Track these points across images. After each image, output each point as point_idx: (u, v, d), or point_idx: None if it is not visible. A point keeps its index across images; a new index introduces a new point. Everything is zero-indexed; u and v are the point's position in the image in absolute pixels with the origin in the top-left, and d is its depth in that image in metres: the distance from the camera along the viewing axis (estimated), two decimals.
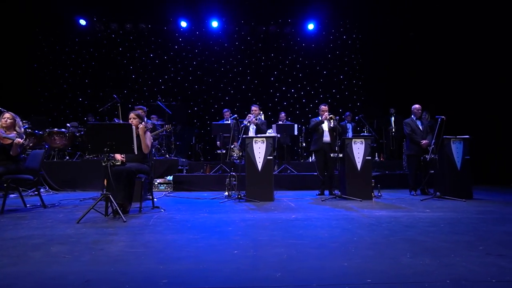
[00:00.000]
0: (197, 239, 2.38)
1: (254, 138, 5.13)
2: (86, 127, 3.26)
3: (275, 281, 1.47)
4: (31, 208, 4.30)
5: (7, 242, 2.31)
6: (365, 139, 5.24)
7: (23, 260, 1.87)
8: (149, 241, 2.31)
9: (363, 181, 5.09)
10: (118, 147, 3.38)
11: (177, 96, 10.80)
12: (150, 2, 9.94)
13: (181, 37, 10.95)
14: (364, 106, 10.68)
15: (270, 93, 10.99)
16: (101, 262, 1.82)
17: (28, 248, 2.14)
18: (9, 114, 4.09)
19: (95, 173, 7.21)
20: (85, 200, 5.22)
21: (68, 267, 1.73)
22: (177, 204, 4.66)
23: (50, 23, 10.17)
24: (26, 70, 10.11)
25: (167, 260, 1.84)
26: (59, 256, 1.95)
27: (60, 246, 2.19)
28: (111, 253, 2.00)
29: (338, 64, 11.05)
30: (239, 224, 2.95)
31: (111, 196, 3.36)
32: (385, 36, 10.20)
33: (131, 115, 4.07)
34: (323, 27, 10.92)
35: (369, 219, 3.13)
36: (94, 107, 10.33)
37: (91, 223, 3.12)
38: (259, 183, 4.99)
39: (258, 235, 2.49)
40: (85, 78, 10.69)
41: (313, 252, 1.96)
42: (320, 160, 5.94)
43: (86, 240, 2.36)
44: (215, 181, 7.16)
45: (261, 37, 10.96)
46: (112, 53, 10.77)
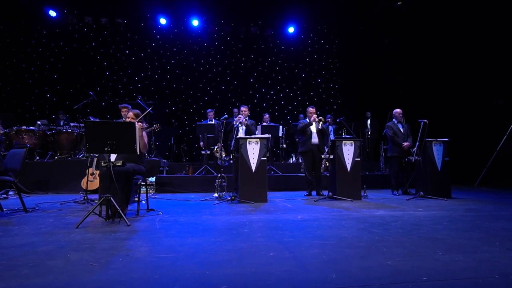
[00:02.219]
0: (221, 241, 2.32)
1: (248, 139, 5.11)
2: (85, 125, 3.04)
3: (335, 282, 1.48)
4: (9, 212, 3.93)
5: (12, 251, 2.09)
6: (355, 141, 5.42)
7: (46, 270, 1.71)
8: (173, 245, 2.21)
9: (353, 181, 5.27)
10: (119, 147, 3.20)
11: (154, 95, 10.45)
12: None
13: (159, 35, 10.63)
14: (341, 109, 11.06)
15: (250, 94, 11.01)
16: (139, 268, 1.72)
17: (41, 257, 1.95)
18: None
19: (68, 174, 6.78)
20: (66, 203, 4.88)
21: (107, 275, 1.61)
22: (170, 206, 4.51)
23: (13, 13, 9.39)
24: None
25: (208, 264, 1.77)
26: (85, 264, 1.81)
27: (77, 253, 2.03)
28: (142, 259, 1.89)
29: (316, 68, 11.35)
30: (252, 226, 2.92)
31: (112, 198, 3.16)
32: (361, 41, 10.65)
33: (129, 114, 3.88)
34: (302, 31, 11.16)
35: (375, 219, 3.24)
36: (64, 104, 9.70)
37: (92, 227, 2.93)
38: (253, 184, 4.97)
39: (280, 236, 2.48)
40: (53, 73, 10.00)
41: (349, 252, 1.99)
42: (308, 161, 6.05)
43: (102, 246, 2.20)
44: (200, 183, 7.02)
45: (241, 38, 10.95)
46: (85, 48, 10.19)
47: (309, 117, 6.14)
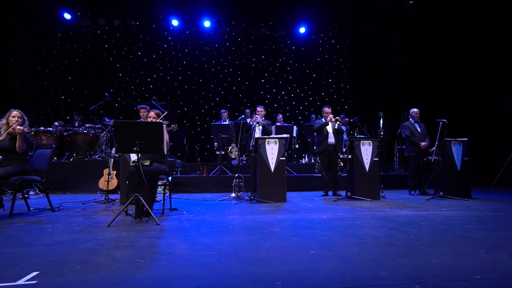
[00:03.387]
0: (257, 240, 2.34)
1: (267, 139, 5.12)
2: (114, 125, 3.09)
3: (387, 279, 1.49)
4: (36, 211, 4.00)
5: (55, 248, 2.14)
6: (373, 141, 5.41)
7: (97, 266, 1.74)
8: (210, 244, 2.24)
9: (372, 181, 5.26)
10: (147, 147, 3.24)
11: (166, 95, 10.52)
12: None
13: (170, 36, 10.71)
14: (352, 109, 11.02)
15: (261, 94, 11.03)
16: (186, 266, 1.74)
17: (87, 253, 1.99)
18: (17, 111, 3.79)
19: (85, 174, 6.86)
20: (88, 203, 4.95)
21: (158, 272, 1.64)
22: (191, 206, 4.54)
23: (29, 16, 9.54)
24: (1, 65, 9.39)
25: (253, 262, 1.79)
26: (130, 261, 1.84)
27: (119, 250, 2.06)
28: (185, 257, 1.91)
29: (327, 68, 11.34)
30: (281, 225, 2.94)
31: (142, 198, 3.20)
32: (372, 41, 10.60)
33: (151, 114, 3.93)
34: (312, 31, 11.16)
35: (402, 218, 3.24)
36: (78, 105, 9.82)
37: (123, 226, 2.97)
38: (272, 184, 4.99)
39: (313, 235, 2.50)
40: (68, 75, 10.13)
41: (389, 251, 2.00)
42: (324, 161, 6.05)
43: (140, 244, 2.24)
44: (215, 183, 7.06)
45: (252, 38, 10.99)
46: (98, 50, 10.31)
47: (325, 117, 6.14)
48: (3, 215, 3.61)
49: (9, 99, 9.21)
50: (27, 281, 1.52)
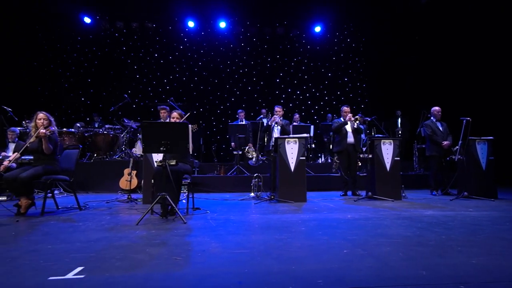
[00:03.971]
0: (286, 239, 2.35)
1: (287, 139, 5.13)
2: (142, 125, 3.16)
3: (428, 279, 1.48)
4: (64, 210, 4.13)
5: (92, 244, 2.21)
6: (394, 140, 5.34)
7: (136, 262, 1.79)
8: (240, 242, 2.27)
9: (393, 181, 5.19)
10: (173, 147, 3.30)
11: (182, 96, 10.64)
12: (158, 2, 9.77)
13: (186, 37, 10.83)
14: (368, 108, 10.90)
15: (276, 94, 11.03)
16: (223, 263, 1.77)
17: (123, 250, 2.05)
18: (43, 114, 3.91)
19: (106, 175, 7.03)
20: (112, 202, 5.07)
21: (198, 269, 1.67)
22: (212, 205, 4.58)
23: (52, 20, 9.83)
24: (26, 68, 9.71)
25: (288, 260, 1.81)
26: (167, 258, 1.88)
27: (153, 248, 2.11)
28: (219, 255, 1.95)
29: (343, 67, 11.24)
30: (307, 224, 2.94)
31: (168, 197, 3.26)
32: (389, 39, 10.45)
33: (174, 114, 3.99)
34: (327, 30, 11.09)
35: (429, 218, 3.19)
36: (97, 107, 10.06)
37: (151, 224, 3.03)
38: (292, 184, 4.99)
39: (342, 234, 2.49)
40: (87, 77, 10.39)
41: (424, 250, 1.98)
42: (344, 161, 6.01)
43: (173, 242, 2.29)
44: (233, 183, 7.10)
45: (267, 38, 11.00)
46: (116, 52, 10.53)
47: (343, 116, 6.10)
48: (35, 213, 3.74)
49: (32, 102, 9.51)
50: (75, 275, 1.58)
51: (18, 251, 2.06)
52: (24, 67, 9.66)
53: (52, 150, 3.83)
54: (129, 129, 8.08)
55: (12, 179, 3.53)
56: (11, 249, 2.10)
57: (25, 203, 3.65)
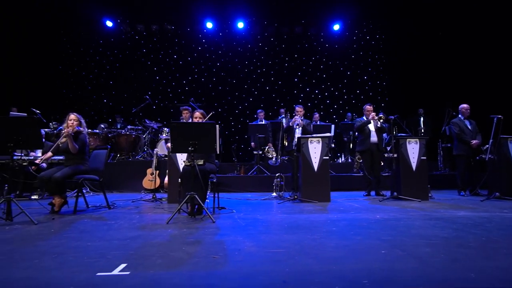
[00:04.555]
0: (319, 239, 2.34)
1: (310, 138, 5.10)
2: (170, 126, 3.21)
3: (479, 282, 1.43)
4: (94, 208, 4.24)
5: (129, 243, 2.25)
6: (420, 139, 5.22)
7: (176, 260, 1.81)
8: (273, 241, 2.27)
9: (419, 181, 5.07)
10: (201, 146, 3.33)
11: (201, 97, 10.73)
12: (177, 4, 9.92)
13: (204, 38, 10.94)
14: (389, 107, 10.68)
15: (294, 94, 10.98)
16: (261, 262, 1.77)
17: (161, 249, 2.08)
18: (74, 115, 4.03)
19: (129, 174, 7.18)
20: (137, 201, 5.17)
21: (238, 267, 1.68)
22: (235, 205, 4.60)
23: (75, 25, 10.13)
24: (52, 72, 10.05)
25: (327, 260, 1.79)
26: (205, 256, 1.90)
27: (189, 246, 2.14)
28: (256, 254, 1.95)
29: (362, 65, 11.07)
30: (336, 224, 2.91)
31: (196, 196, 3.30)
32: (410, 35, 10.20)
33: (196, 114, 4.02)
34: (346, 28, 10.95)
35: (463, 219, 3.10)
36: (119, 108, 10.29)
37: (181, 223, 3.07)
38: (315, 184, 4.96)
39: (375, 235, 2.45)
40: (109, 79, 10.65)
41: (466, 252, 1.92)
42: (367, 160, 5.92)
43: (207, 241, 2.31)
44: (253, 182, 7.12)
45: (285, 38, 10.97)
46: (136, 55, 10.74)
47: (366, 115, 6.01)
48: (67, 211, 3.86)
49: (58, 104, 9.84)
50: (120, 271, 1.62)
51: (61, 247, 2.13)
52: (50, 70, 10.00)
53: (78, 150, 3.92)
54: (151, 130, 8.24)
55: (47, 178, 3.66)
56: (54, 246, 2.18)
57: (59, 202, 3.77)
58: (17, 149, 3.38)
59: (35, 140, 3.10)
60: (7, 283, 1.49)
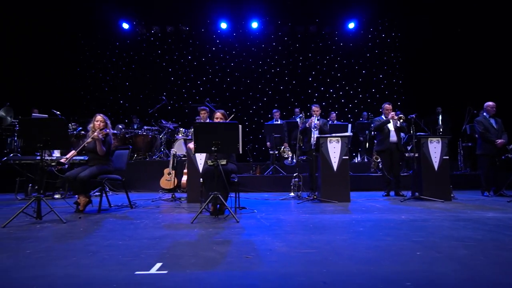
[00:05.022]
0: (349, 239, 2.31)
1: (329, 138, 5.05)
2: (193, 126, 3.23)
3: None
4: (116, 208, 4.31)
5: (158, 242, 2.27)
6: (442, 138, 5.11)
7: (210, 260, 1.82)
8: (303, 242, 2.25)
9: (441, 181, 4.96)
10: (224, 146, 3.34)
11: (215, 97, 10.77)
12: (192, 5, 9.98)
13: (218, 39, 10.98)
14: (405, 106, 10.49)
15: (308, 93, 10.91)
16: (296, 262, 1.76)
17: (191, 248, 2.09)
18: (100, 116, 4.11)
19: (147, 174, 7.27)
20: (157, 201, 5.22)
21: (274, 268, 1.67)
22: (254, 205, 4.59)
23: (93, 28, 10.32)
24: (70, 74, 10.27)
25: (362, 261, 1.77)
26: (238, 256, 1.90)
27: (219, 246, 2.15)
28: (289, 254, 1.94)
29: (377, 63, 10.92)
30: (363, 225, 2.87)
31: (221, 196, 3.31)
32: (426, 33, 9.99)
33: (217, 115, 4.03)
34: (361, 26, 10.82)
35: (493, 221, 3.01)
36: (135, 109, 10.43)
37: (205, 223, 3.09)
38: (334, 184, 4.91)
39: (405, 236, 2.41)
40: (125, 80, 10.81)
41: (507, 256, 1.86)
42: (386, 160, 5.83)
43: (236, 240, 2.32)
44: (269, 182, 7.10)
45: (299, 37, 10.92)
46: (152, 56, 10.87)
47: (385, 114, 5.92)
48: (92, 210, 3.94)
49: (77, 105, 10.06)
50: (158, 271, 1.63)
51: (94, 246, 2.17)
52: (69, 73, 10.22)
53: (105, 152, 4.01)
54: (167, 130, 8.32)
55: (72, 178, 3.74)
56: (87, 244, 2.22)
57: (84, 201, 3.85)
58: (46, 150, 3.44)
59: (63, 141, 3.16)
60: (51, 280, 1.52)
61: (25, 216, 3.16)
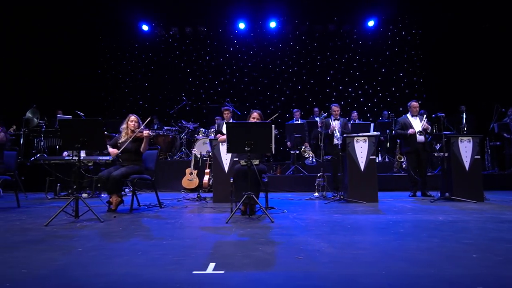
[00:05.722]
0: (394, 240, 2.27)
1: (356, 137, 4.99)
2: (227, 126, 3.23)
3: None
4: (146, 207, 4.36)
5: (201, 241, 2.28)
6: (473, 137, 4.97)
7: (262, 259, 1.81)
8: (349, 243, 2.22)
9: (472, 182, 4.83)
10: (257, 146, 3.33)
11: (233, 97, 10.79)
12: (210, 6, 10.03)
13: (236, 39, 11.00)
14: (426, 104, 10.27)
15: (327, 92, 10.81)
16: (350, 264, 1.73)
17: (239, 248, 2.09)
18: (134, 116, 4.17)
19: (169, 174, 7.34)
20: (182, 201, 5.25)
21: (329, 268, 1.66)
22: (282, 205, 4.57)
23: (113, 30, 10.50)
24: (91, 76, 10.46)
25: (418, 262, 1.73)
26: (288, 257, 1.89)
27: (265, 246, 2.13)
28: (339, 255, 1.91)
29: (397, 61, 10.73)
30: (402, 226, 2.81)
31: (254, 196, 3.30)
32: (450, 29, 9.75)
33: (254, 115, 4.03)
34: (380, 24, 10.66)
35: None
36: (154, 110, 10.56)
37: (240, 222, 3.09)
38: (362, 184, 4.84)
39: (451, 237, 2.35)
40: (144, 81, 10.95)
41: None
42: (412, 161, 5.72)
43: (279, 240, 2.30)
44: (292, 182, 7.06)
45: (316, 36, 10.83)
46: (170, 57, 10.97)
47: (412, 112, 5.82)
48: (123, 210, 3.99)
49: (98, 107, 10.25)
50: (214, 270, 1.63)
51: (139, 245, 2.19)
52: (90, 74, 10.43)
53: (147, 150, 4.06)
54: (187, 131, 8.38)
55: (105, 178, 3.80)
56: (133, 243, 2.24)
57: (116, 201, 3.91)
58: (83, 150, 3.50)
59: (99, 142, 3.21)
60: (114, 279, 1.53)
61: (62, 214, 3.22)
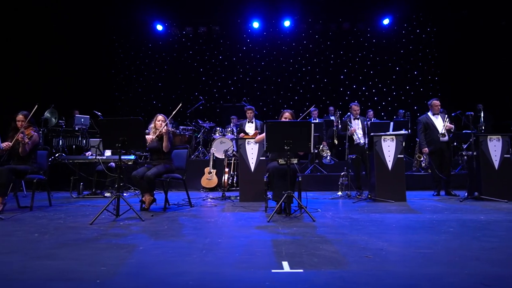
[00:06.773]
0: (452, 240, 2.25)
1: (383, 136, 4.96)
2: (266, 125, 3.22)
3: None
4: (177, 207, 4.36)
5: (251, 241, 2.28)
6: (503, 136, 4.93)
7: (329, 260, 1.80)
8: (406, 241, 2.22)
9: (502, 181, 4.78)
10: (296, 145, 3.32)
11: (246, 96, 10.78)
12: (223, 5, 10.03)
13: (249, 38, 10.98)
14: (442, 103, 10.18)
15: (340, 91, 10.77)
16: (421, 263, 1.72)
17: (298, 247, 2.07)
18: (161, 116, 4.18)
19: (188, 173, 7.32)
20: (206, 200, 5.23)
21: (398, 267, 1.65)
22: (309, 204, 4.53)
23: (126, 30, 10.53)
24: (106, 75, 10.51)
25: (497, 263, 1.71)
26: (355, 255, 1.88)
27: (324, 245, 2.12)
28: (405, 254, 1.90)
29: (412, 60, 10.65)
30: (447, 224, 2.79)
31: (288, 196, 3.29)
32: (466, 27, 9.67)
33: (286, 115, 4.01)
34: (394, 22, 10.59)
35: None
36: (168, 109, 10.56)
37: (282, 221, 3.08)
38: (390, 183, 4.81)
39: (500, 237, 2.32)
40: (158, 81, 10.96)
41: None
42: (436, 160, 5.68)
43: (334, 238, 2.30)
44: (310, 181, 7.03)
45: (330, 35, 10.79)
46: (183, 57, 10.98)
47: (433, 110, 5.80)
48: (156, 208, 4.00)
49: (112, 106, 10.28)
50: (292, 269, 1.62)
51: (196, 243, 2.18)
52: (105, 74, 10.46)
53: (169, 149, 4.07)
54: (204, 130, 8.39)
55: (139, 177, 3.81)
56: (188, 241, 2.24)
57: (149, 199, 3.91)
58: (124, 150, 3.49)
59: (139, 141, 3.22)
60: (196, 277, 1.53)
61: (103, 213, 3.22)
